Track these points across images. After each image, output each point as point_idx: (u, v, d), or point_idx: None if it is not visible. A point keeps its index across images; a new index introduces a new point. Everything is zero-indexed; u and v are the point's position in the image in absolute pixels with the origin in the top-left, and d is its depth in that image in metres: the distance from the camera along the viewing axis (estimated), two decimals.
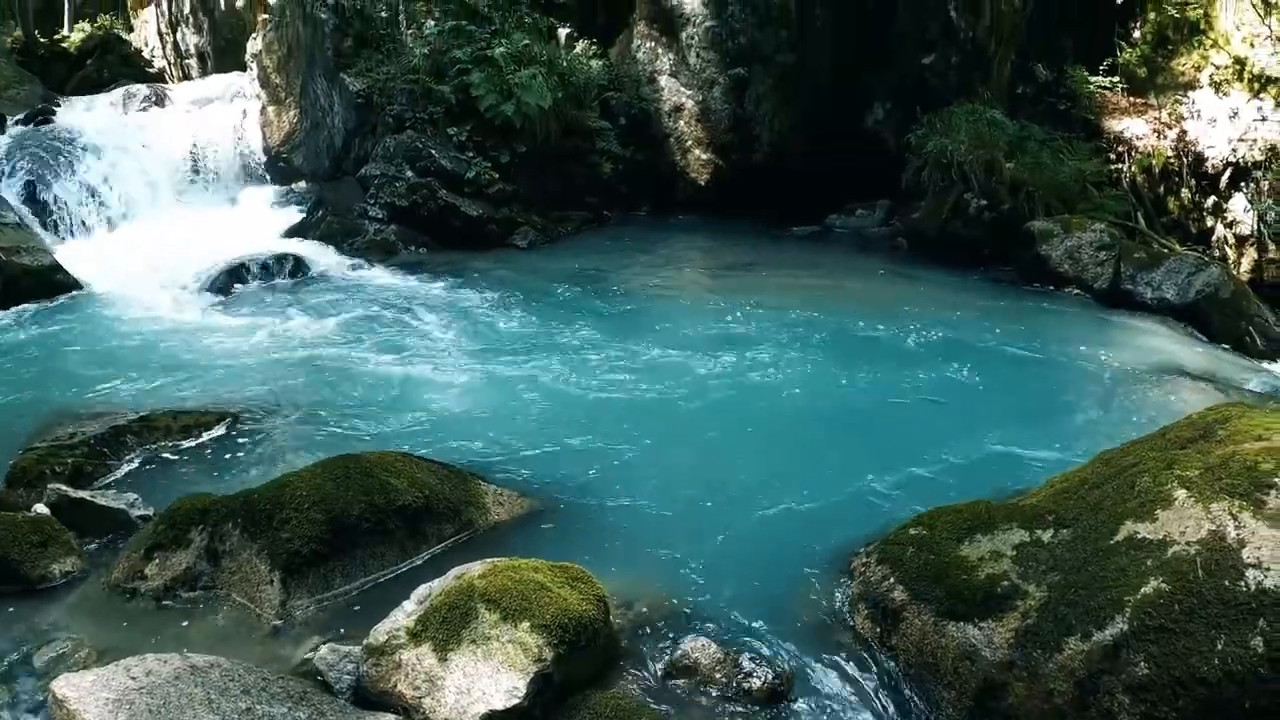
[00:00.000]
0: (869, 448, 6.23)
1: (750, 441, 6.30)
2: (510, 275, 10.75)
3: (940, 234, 12.37)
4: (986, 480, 5.42)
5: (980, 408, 7.09)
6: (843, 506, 5.30)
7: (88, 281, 10.32)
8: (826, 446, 6.29)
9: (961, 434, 6.45)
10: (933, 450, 6.09)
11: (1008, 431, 6.52)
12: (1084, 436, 6.55)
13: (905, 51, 14.16)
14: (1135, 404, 7.68)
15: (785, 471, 5.80)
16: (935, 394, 7.34)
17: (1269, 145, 12.28)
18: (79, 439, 5.80)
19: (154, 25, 22.53)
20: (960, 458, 6.01)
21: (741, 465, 5.89)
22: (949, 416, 6.88)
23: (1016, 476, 5.50)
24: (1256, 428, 4.07)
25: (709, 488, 5.53)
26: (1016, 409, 7.17)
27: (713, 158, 14.11)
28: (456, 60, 13.05)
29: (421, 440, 6.04)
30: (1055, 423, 6.96)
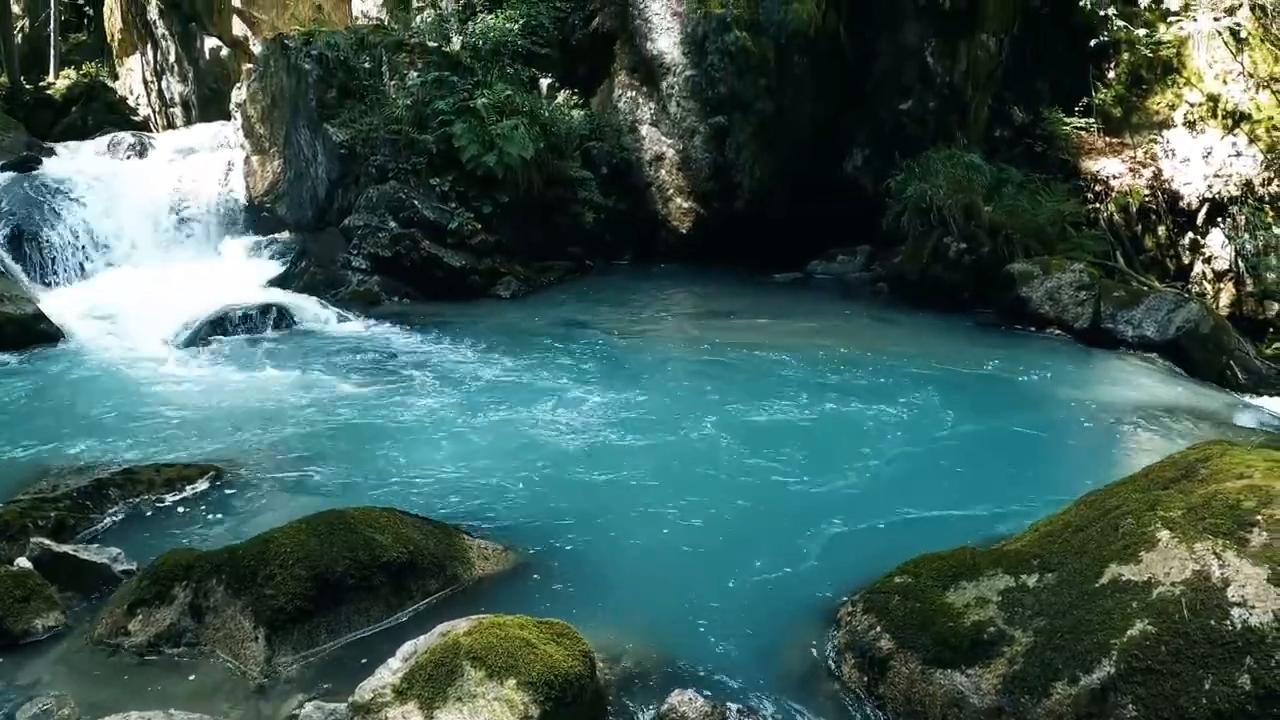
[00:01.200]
0: (852, 494, 6.22)
1: (735, 491, 6.27)
2: (493, 326, 10.75)
3: (921, 278, 12.46)
4: (971, 524, 5.42)
5: (964, 451, 7.10)
6: (828, 555, 5.29)
7: (71, 331, 10.29)
8: (810, 494, 6.26)
9: (946, 478, 6.47)
10: (917, 495, 6.10)
11: (992, 474, 6.53)
12: (1068, 477, 6.56)
13: (883, 97, 14.33)
14: (1118, 443, 7.70)
15: (770, 520, 5.79)
16: (919, 438, 7.34)
17: (1244, 181, 12.43)
18: (61, 492, 5.77)
19: (139, 73, 22.69)
20: (945, 502, 6.01)
21: (726, 515, 5.87)
22: (933, 461, 6.88)
23: (1002, 519, 5.50)
24: (1238, 465, 4.09)
25: (694, 538, 5.51)
26: (1000, 452, 7.19)
27: (694, 206, 14.19)
28: (439, 111, 13.14)
29: (406, 493, 6.01)
30: (1039, 464, 6.98)
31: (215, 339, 10.23)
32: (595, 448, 6.95)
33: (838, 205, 14.04)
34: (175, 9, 21.36)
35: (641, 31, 14.14)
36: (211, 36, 20.85)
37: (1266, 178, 12.37)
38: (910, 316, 11.63)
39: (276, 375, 8.91)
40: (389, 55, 14.15)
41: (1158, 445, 7.34)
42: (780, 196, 14.10)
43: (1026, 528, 4.57)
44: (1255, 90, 12.64)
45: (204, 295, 11.22)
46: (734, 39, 13.45)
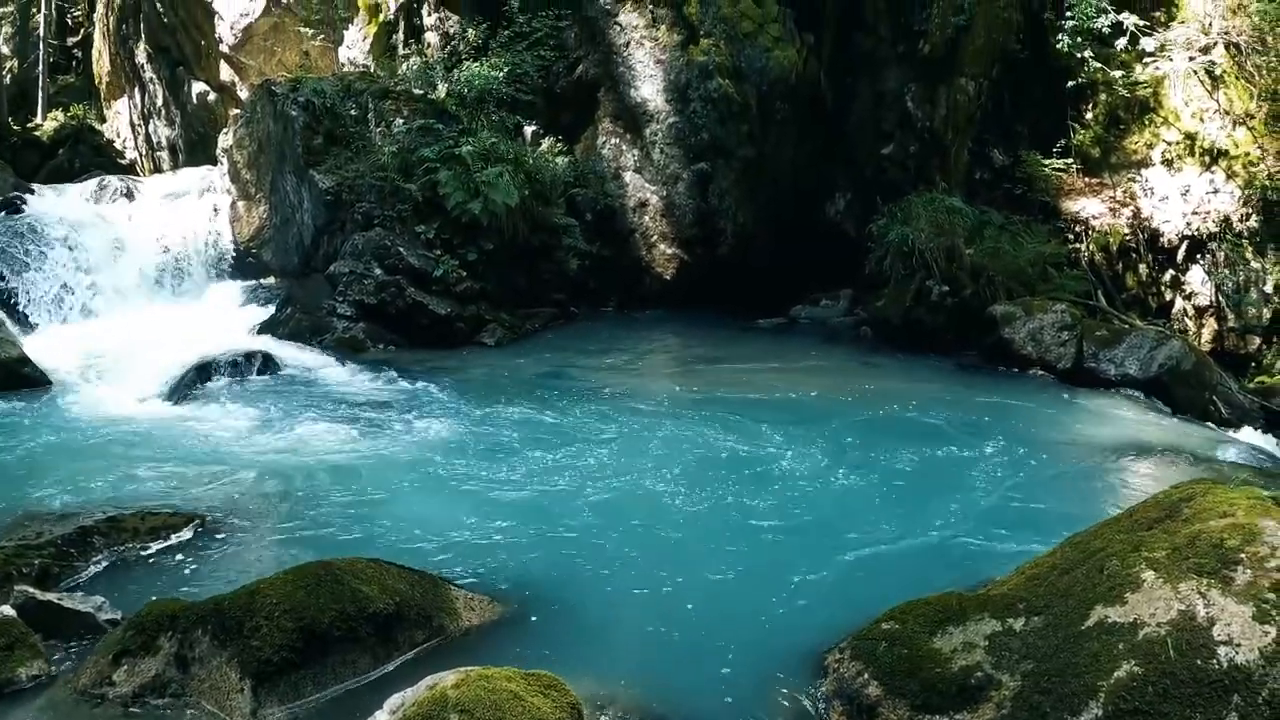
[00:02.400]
0: (839, 540, 6.21)
1: (720, 539, 6.27)
2: (478, 374, 10.75)
3: (904, 321, 12.54)
4: (958, 567, 5.43)
5: (950, 494, 7.10)
6: (814, 602, 5.28)
7: (56, 374, 10.25)
8: (796, 541, 6.26)
9: (932, 521, 6.47)
10: (903, 539, 6.11)
11: (978, 517, 6.54)
12: (1053, 518, 6.57)
13: (864, 142, 14.49)
14: (1104, 482, 7.73)
15: (756, 568, 5.78)
16: (904, 483, 7.37)
17: (1222, 217, 12.54)
18: (46, 539, 5.73)
19: (126, 117, 22.76)
20: (931, 546, 6.02)
21: (712, 563, 5.86)
22: (919, 505, 6.89)
23: (988, 562, 5.50)
24: (1221, 504, 4.11)
25: (680, 587, 5.50)
26: (986, 494, 7.20)
27: (678, 252, 14.25)
28: (424, 158, 13.21)
29: (392, 543, 5.98)
30: (1024, 506, 6.99)
31: (201, 385, 10.19)
32: (581, 497, 6.94)
33: (820, 250, 14.16)
34: (163, 53, 21.49)
35: (625, 79, 14.28)
36: (199, 81, 20.96)
37: (1244, 213, 12.48)
38: (894, 360, 11.69)
39: (262, 423, 8.87)
40: (375, 102, 14.25)
41: (1143, 483, 7.38)
42: (763, 242, 14.19)
43: (1013, 570, 4.58)
44: (1231, 127, 12.79)
45: (190, 340, 11.22)
46: (716, 86, 13.59)
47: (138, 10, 21.72)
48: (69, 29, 26.24)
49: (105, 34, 23.09)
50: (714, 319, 13.58)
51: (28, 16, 25.75)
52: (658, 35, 14.03)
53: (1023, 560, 4.68)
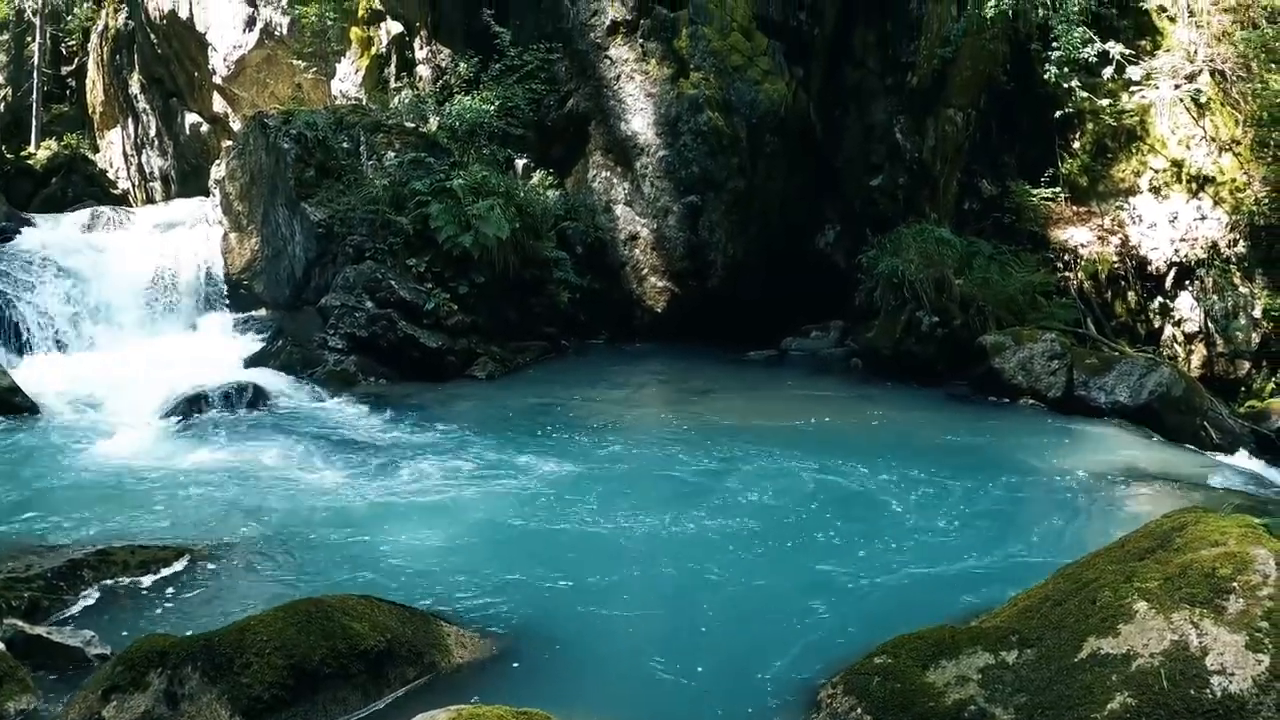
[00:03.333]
0: (831, 573, 6.20)
1: (712, 573, 6.25)
2: (470, 408, 10.71)
3: (895, 353, 12.58)
4: (951, 599, 5.42)
5: (941, 526, 7.11)
6: (806, 636, 5.26)
7: (45, 404, 10.24)
8: (789, 575, 6.25)
9: (924, 553, 6.47)
10: (895, 571, 6.10)
11: (971, 548, 6.54)
12: (1046, 548, 6.58)
13: (853, 174, 14.58)
14: (1096, 511, 7.74)
15: (749, 603, 5.77)
16: (896, 515, 7.37)
17: (1210, 243, 12.64)
18: (35, 572, 5.68)
19: (119, 146, 22.89)
20: (924, 578, 6.01)
21: (704, 598, 5.85)
22: (911, 537, 6.89)
23: (981, 593, 5.50)
24: (1213, 533, 4.12)
25: (673, 622, 5.49)
26: (978, 525, 7.20)
27: (669, 285, 14.27)
28: (416, 191, 13.25)
29: (383, 578, 5.96)
30: (1017, 536, 6.99)
31: (191, 417, 10.17)
32: (573, 532, 6.92)
33: (811, 281, 14.21)
34: (157, 84, 21.60)
35: (615, 113, 14.35)
36: (192, 112, 21.06)
37: (1232, 239, 12.58)
38: (885, 391, 11.70)
39: (252, 456, 8.83)
40: (367, 135, 14.31)
41: (1135, 511, 7.39)
42: (754, 274, 14.22)
43: (1005, 601, 4.58)
44: (1218, 153, 12.90)
45: (181, 372, 11.21)
46: (706, 120, 13.67)
47: (132, 41, 21.88)
48: (63, 58, 26.45)
49: (99, 64, 23.26)
50: (705, 351, 13.56)
51: (22, 45, 25.95)
52: (648, 69, 14.13)
53: (1015, 591, 4.69)
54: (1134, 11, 14.10)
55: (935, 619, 4.54)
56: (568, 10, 14.71)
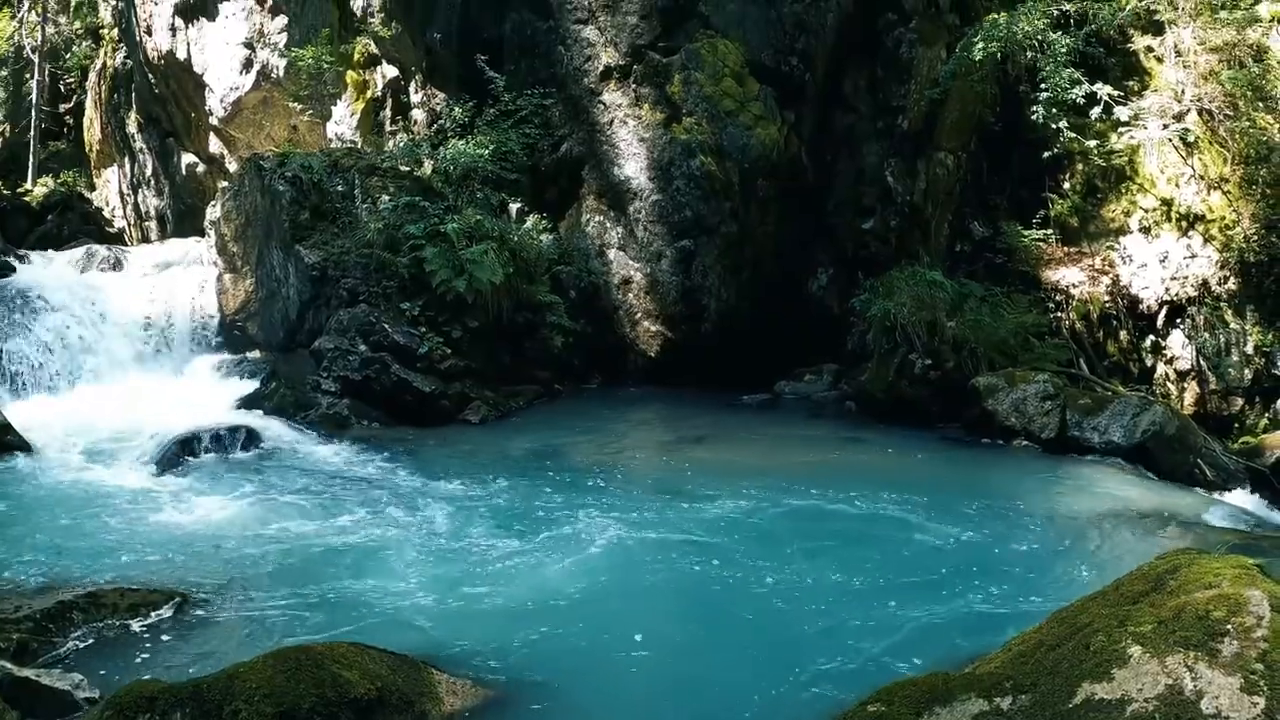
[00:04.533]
0: (824, 620, 6.17)
1: (705, 620, 6.24)
2: (463, 453, 10.66)
3: (888, 396, 12.58)
4: (945, 644, 5.40)
5: (937, 570, 7.08)
6: (800, 683, 5.23)
7: (38, 443, 10.22)
8: (782, 622, 6.22)
9: (918, 598, 6.44)
10: (890, 617, 6.08)
11: (965, 592, 6.52)
12: (1040, 591, 6.56)
13: (845, 217, 14.65)
14: (1090, 553, 7.72)
15: (741, 650, 5.76)
16: (890, 559, 7.34)
17: (1200, 281, 12.71)
18: (24, 614, 5.67)
19: (115, 185, 22.98)
20: (918, 623, 5.98)
21: (697, 645, 5.83)
22: (906, 581, 6.86)
23: (975, 638, 5.47)
24: (1206, 575, 4.11)
25: (666, 670, 5.45)
26: (973, 569, 7.16)
27: (662, 329, 14.29)
28: (410, 235, 13.28)
29: (373, 625, 5.92)
30: (1011, 580, 6.96)
31: (184, 459, 10.16)
32: (567, 579, 6.87)
33: (804, 325, 14.26)
34: (154, 124, 21.71)
35: (609, 157, 14.44)
36: (188, 153, 21.15)
37: (1223, 276, 12.65)
38: (879, 434, 11.68)
39: (244, 499, 8.82)
40: (362, 179, 14.37)
41: (1129, 553, 7.37)
42: (747, 318, 14.24)
43: (1000, 646, 4.55)
44: (1207, 192, 13.01)
45: (174, 413, 11.23)
46: (699, 164, 13.76)
47: (129, 81, 22.04)
48: (61, 96, 26.64)
49: (97, 102, 23.41)
50: (698, 396, 13.54)
51: (21, 82, 26.16)
52: (641, 114, 14.24)
53: (1010, 636, 4.66)
54: (1121, 53, 14.28)
55: (929, 664, 4.52)
56: (561, 56, 14.84)
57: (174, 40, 19.70)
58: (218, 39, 18.96)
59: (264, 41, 18.17)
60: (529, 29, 15.18)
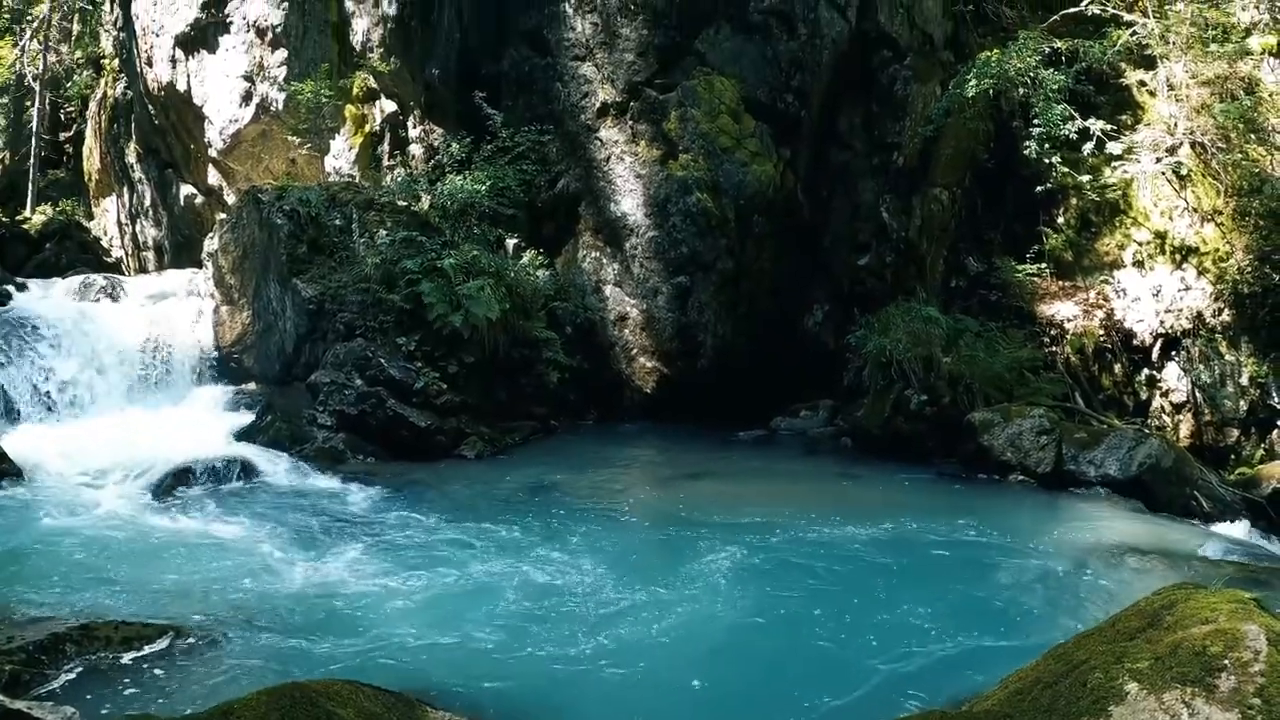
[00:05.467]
0: (822, 659, 6.15)
1: (703, 659, 6.21)
2: (458, 489, 10.60)
3: (884, 431, 12.59)
4: (942, 682, 5.38)
5: (932, 607, 7.05)
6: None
7: (32, 471, 10.22)
8: (778, 661, 6.20)
9: (916, 636, 6.42)
10: (887, 656, 6.06)
11: (961, 630, 6.49)
12: (1038, 627, 6.55)
13: (841, 254, 14.70)
14: (1087, 589, 7.70)
15: (738, 690, 5.73)
16: (886, 597, 7.32)
17: (1195, 313, 12.74)
18: (16, 645, 5.65)
19: (114, 215, 23.01)
20: (915, 661, 5.96)
21: (695, 684, 5.79)
22: (902, 619, 6.84)
23: (972, 676, 5.45)
24: (1203, 610, 4.11)
25: (656, 706, 5.42)
26: (968, 606, 7.15)
27: (658, 365, 14.28)
28: (407, 270, 13.30)
29: (368, 661, 5.89)
30: (1008, 616, 6.95)
31: (179, 490, 10.17)
32: (562, 617, 6.85)
33: (800, 361, 14.27)
34: (153, 154, 21.76)
35: (605, 193, 14.50)
36: (187, 184, 21.18)
37: (1217, 308, 12.69)
38: (875, 471, 11.66)
39: (238, 532, 8.80)
40: (359, 213, 14.41)
41: (1127, 587, 7.36)
42: (743, 354, 14.23)
43: (997, 683, 4.54)
44: (1200, 224, 13.06)
45: (169, 444, 11.19)
46: (695, 201, 13.80)
47: (130, 111, 22.11)
48: (62, 124, 26.74)
49: (97, 132, 23.49)
50: (694, 432, 13.51)
51: (21, 110, 26.29)
52: (638, 150, 14.31)
53: (1007, 673, 4.64)
54: (1114, 88, 14.42)
55: (926, 703, 4.50)
56: (559, 93, 14.94)
57: (174, 72, 19.80)
58: (218, 71, 19.06)
59: (264, 75, 18.27)
60: (526, 65, 15.29)
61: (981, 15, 15.89)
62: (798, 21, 14.07)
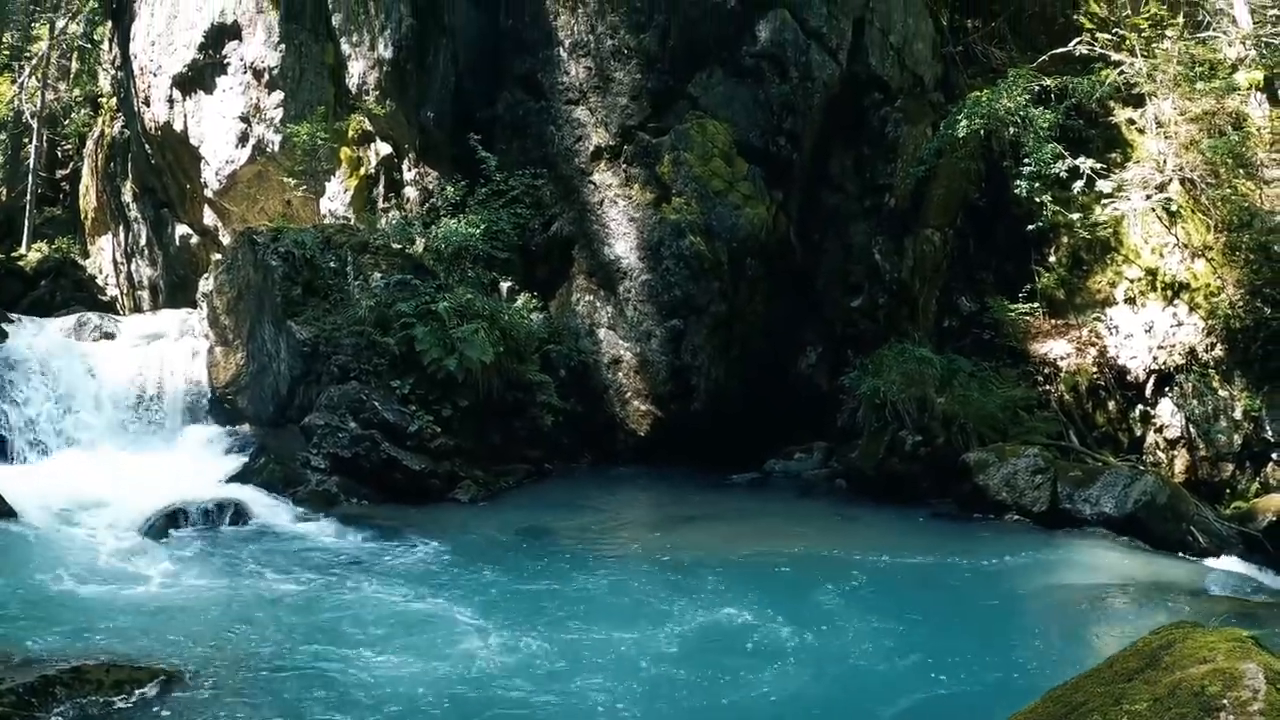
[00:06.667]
0: (818, 704, 6.12)
1: (697, 709, 6.15)
2: (452, 534, 10.52)
3: (878, 473, 12.57)
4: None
5: (929, 650, 7.03)
6: None
7: (23, 510, 10.14)
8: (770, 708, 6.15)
9: (912, 680, 6.41)
10: (883, 700, 6.05)
11: (959, 672, 6.48)
12: (1036, 669, 6.52)
13: (834, 295, 14.75)
14: (1086, 628, 7.70)
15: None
16: (884, 640, 7.29)
17: (1187, 349, 12.77)
18: (6, 687, 5.63)
19: (109, 253, 23.02)
20: (912, 705, 5.94)
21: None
22: (898, 663, 6.82)
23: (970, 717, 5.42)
24: (1201, 649, 4.08)
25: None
26: (967, 648, 7.12)
27: (652, 408, 14.25)
28: (401, 313, 13.31)
29: (358, 708, 5.87)
30: (1006, 658, 6.92)
31: (171, 532, 10.12)
32: (555, 666, 6.81)
33: (793, 403, 14.28)
34: (149, 194, 21.81)
35: (599, 237, 14.56)
36: (183, 224, 21.20)
37: (1209, 343, 12.71)
38: (870, 512, 11.65)
39: (230, 575, 8.76)
40: (354, 255, 14.44)
41: (1124, 627, 7.36)
42: (737, 396, 14.23)
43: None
44: (1191, 260, 13.11)
45: (162, 485, 11.15)
46: (688, 244, 13.86)
47: (126, 150, 22.18)
48: (59, 162, 26.89)
49: (94, 170, 23.56)
50: (688, 475, 13.46)
51: (19, 146, 26.41)
52: (631, 194, 14.39)
53: (1004, 717, 4.60)
54: (1103, 125, 14.57)
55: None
56: (553, 136, 15.05)
57: (171, 112, 19.91)
58: (214, 112, 19.16)
59: (260, 116, 18.37)
60: (521, 109, 15.42)
61: (971, 56, 16.06)
62: (789, 65, 14.20)
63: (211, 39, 18.79)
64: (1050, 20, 16.54)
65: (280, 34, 17.82)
